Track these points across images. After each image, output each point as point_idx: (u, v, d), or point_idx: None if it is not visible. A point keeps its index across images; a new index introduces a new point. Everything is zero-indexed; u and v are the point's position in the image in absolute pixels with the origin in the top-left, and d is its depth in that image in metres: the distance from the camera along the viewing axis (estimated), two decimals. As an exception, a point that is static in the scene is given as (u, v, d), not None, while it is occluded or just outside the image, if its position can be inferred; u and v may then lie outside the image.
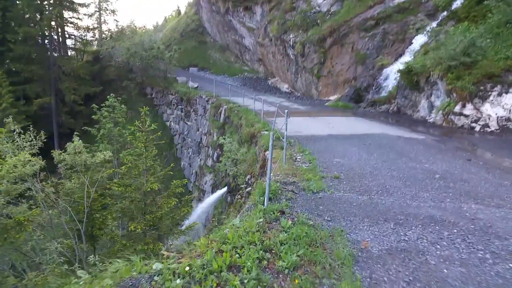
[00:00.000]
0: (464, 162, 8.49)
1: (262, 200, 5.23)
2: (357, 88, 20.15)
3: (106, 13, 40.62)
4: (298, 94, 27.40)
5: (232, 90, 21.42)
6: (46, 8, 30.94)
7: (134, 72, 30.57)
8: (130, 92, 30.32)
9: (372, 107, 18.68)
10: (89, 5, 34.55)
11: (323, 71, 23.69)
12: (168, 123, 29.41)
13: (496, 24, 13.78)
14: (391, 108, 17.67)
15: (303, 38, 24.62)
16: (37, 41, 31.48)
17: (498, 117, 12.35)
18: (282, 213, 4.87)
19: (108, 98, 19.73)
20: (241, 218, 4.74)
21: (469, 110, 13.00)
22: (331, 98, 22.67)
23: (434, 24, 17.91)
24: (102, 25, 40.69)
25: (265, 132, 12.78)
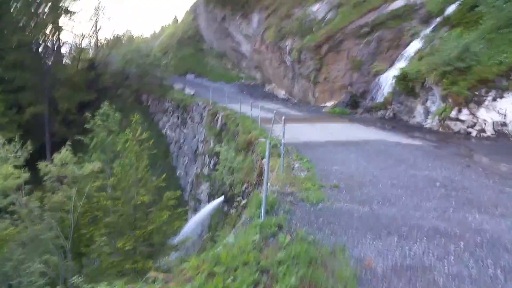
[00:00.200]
0: (463, 168, 8.34)
1: (259, 213, 5.01)
2: (353, 94, 20.07)
3: (102, 20, 40.64)
4: (295, 101, 27.29)
5: (229, 96, 21.26)
6: (41, 15, 30.70)
7: (129, 79, 30.34)
8: (125, 100, 30.07)
9: (368, 113, 18.60)
10: (84, 12, 34.45)
11: (320, 78, 23.63)
12: (164, 131, 29.14)
13: (488, 30, 13.80)
14: (387, 114, 17.58)
15: (299, 45, 24.60)
16: (31, 48, 31.16)
17: (493, 122, 12.29)
18: (280, 227, 4.65)
19: (101, 106, 19.48)
20: (235, 235, 4.51)
21: (465, 115, 12.93)
22: (328, 104, 22.58)
23: (428, 30, 17.93)
24: (98, 32, 40.63)
25: (262, 139, 12.57)
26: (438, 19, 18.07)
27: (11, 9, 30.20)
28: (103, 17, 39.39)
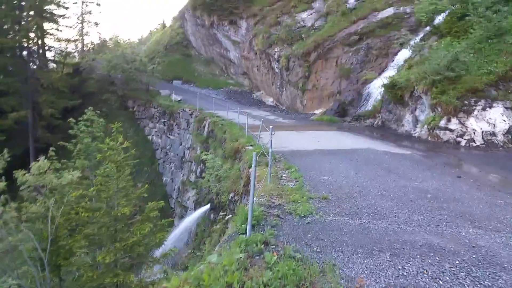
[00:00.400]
0: (454, 180, 8.21)
1: (244, 228, 4.71)
2: (341, 102, 20.03)
3: (88, 25, 39.98)
4: (283, 108, 27.18)
5: (216, 103, 20.99)
6: (25, 18, 29.98)
7: (115, 85, 29.76)
8: (111, 105, 29.45)
9: (357, 121, 18.55)
10: (70, 16, 33.85)
11: (308, 85, 23.58)
12: (150, 137, 28.61)
13: (478, 39, 13.90)
14: (376, 122, 17.55)
15: (288, 52, 24.55)
16: (14, 52, 30.37)
17: (483, 131, 12.28)
18: (266, 244, 4.35)
19: (85, 112, 19.05)
20: (219, 252, 4.20)
21: (454, 124, 12.91)
22: (316, 112, 22.50)
23: (417, 39, 18.05)
24: (84, 37, 39.94)
25: (249, 147, 12.33)
26: (428, 28, 18.23)
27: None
28: (90, 21, 38.29)
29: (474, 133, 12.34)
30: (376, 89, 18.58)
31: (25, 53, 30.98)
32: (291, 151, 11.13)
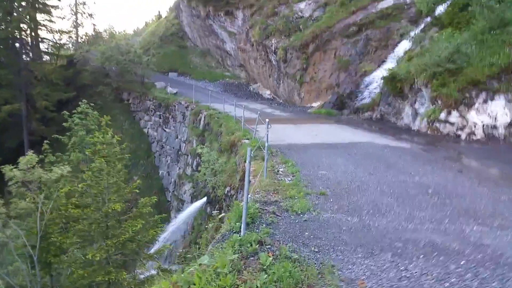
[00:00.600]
0: (455, 174, 8.00)
1: (238, 226, 4.47)
2: (340, 94, 19.70)
3: (83, 16, 39.35)
4: (281, 101, 26.86)
5: (212, 96, 20.65)
6: (17, 9, 29.37)
7: (110, 77, 29.33)
8: (105, 97, 29.07)
9: (355, 114, 18.27)
10: (63, 8, 33.26)
11: (306, 77, 23.23)
12: (145, 130, 28.31)
13: (480, 30, 13.55)
14: (375, 115, 17.29)
15: (285, 44, 24.15)
16: (7, 44, 29.83)
17: (484, 125, 12.04)
18: (262, 244, 4.12)
19: (80, 104, 18.74)
20: (211, 253, 3.96)
21: (454, 117, 12.67)
22: (314, 104, 22.20)
23: (418, 30, 17.71)
24: (78, 28, 39.32)
25: (245, 140, 12.09)
26: (428, 19, 17.83)
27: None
28: (84, 12, 37.66)
29: (475, 126, 12.10)
30: (375, 81, 18.28)
31: (17, 44, 30.47)
32: (288, 145, 10.88)
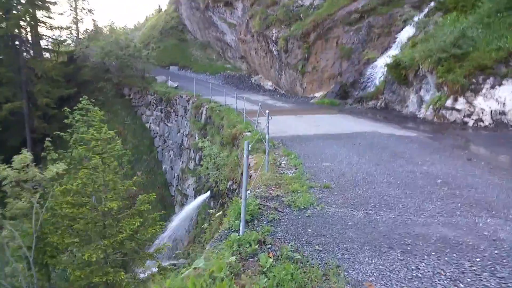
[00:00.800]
0: (464, 163, 7.70)
1: (238, 224, 4.23)
2: (343, 84, 19.31)
3: (82, 12, 38.95)
4: (283, 92, 26.48)
5: (213, 89, 20.34)
6: (16, 6, 29.06)
7: (110, 72, 29.06)
8: (106, 93, 28.85)
9: (359, 104, 17.93)
10: (62, 4, 32.94)
11: (308, 67, 22.81)
12: (148, 125, 28.11)
13: (486, 13, 13.11)
14: (379, 104, 16.94)
15: (286, 33, 23.69)
16: (6, 42, 29.59)
17: (491, 111, 11.68)
18: (262, 243, 3.87)
19: (80, 101, 18.55)
20: (207, 256, 3.72)
21: (461, 104, 12.32)
22: (317, 95, 21.83)
23: (421, 15, 17.25)
24: (78, 24, 38.97)
25: (247, 133, 11.84)
26: (432, 4, 17.35)
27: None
28: (84, 8, 37.29)
29: (482, 112, 11.75)
30: (378, 69, 17.87)
31: (17, 42, 30.23)
32: (291, 137, 10.62)
